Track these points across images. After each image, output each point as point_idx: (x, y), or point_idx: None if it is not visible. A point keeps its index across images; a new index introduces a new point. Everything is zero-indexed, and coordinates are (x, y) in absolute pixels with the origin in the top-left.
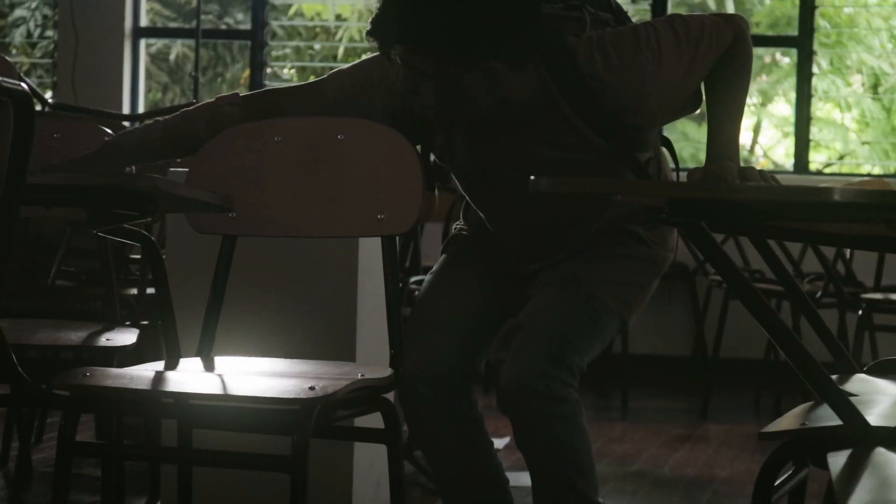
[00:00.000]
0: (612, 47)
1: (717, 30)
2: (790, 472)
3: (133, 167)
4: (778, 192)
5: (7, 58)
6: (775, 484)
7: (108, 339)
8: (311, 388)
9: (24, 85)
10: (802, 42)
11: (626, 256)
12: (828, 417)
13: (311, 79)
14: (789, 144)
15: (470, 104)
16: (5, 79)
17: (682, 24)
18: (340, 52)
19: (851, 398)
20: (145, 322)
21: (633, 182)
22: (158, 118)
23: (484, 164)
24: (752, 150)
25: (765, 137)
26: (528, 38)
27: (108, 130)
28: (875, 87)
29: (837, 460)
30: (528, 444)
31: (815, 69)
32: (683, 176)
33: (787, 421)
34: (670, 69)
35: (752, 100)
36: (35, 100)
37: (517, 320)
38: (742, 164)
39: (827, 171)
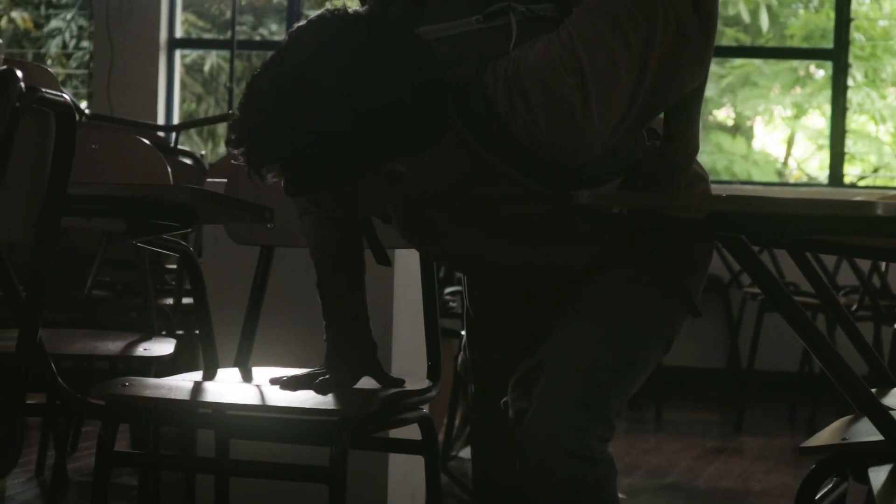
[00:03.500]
0: (532, 82)
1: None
2: (829, 487)
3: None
4: (820, 205)
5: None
6: (815, 498)
7: (145, 349)
8: (350, 400)
9: (65, 96)
10: (837, 55)
11: (654, 256)
12: (868, 432)
13: None
14: (824, 157)
15: (373, 209)
16: (48, 90)
17: (608, 10)
18: None
19: (891, 412)
20: (181, 332)
21: (673, 196)
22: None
23: (435, 238)
24: (785, 163)
25: (799, 150)
26: (438, 128)
27: (146, 141)
28: None
29: (879, 475)
30: None
31: (849, 82)
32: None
33: (827, 435)
34: (607, 85)
35: (786, 112)
36: None
37: (536, 358)
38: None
39: (861, 183)
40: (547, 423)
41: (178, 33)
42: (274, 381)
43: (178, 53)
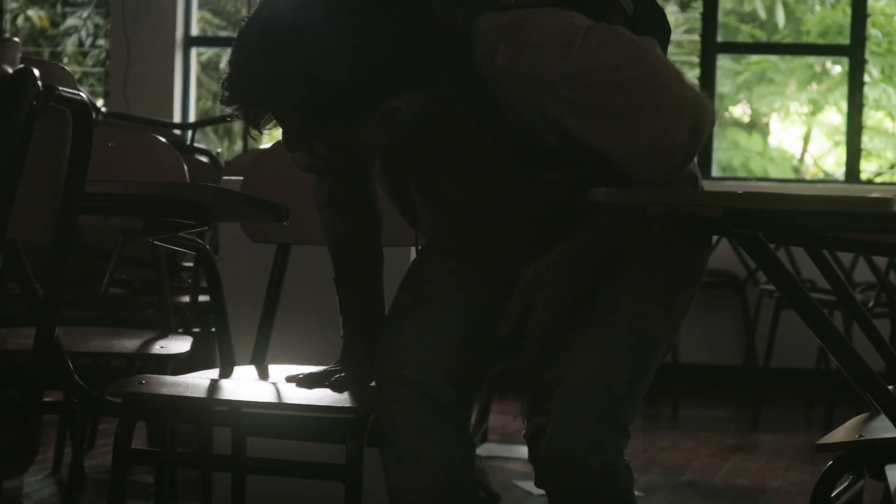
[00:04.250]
0: (529, 46)
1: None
2: (846, 484)
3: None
4: (836, 202)
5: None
6: (831, 496)
7: (162, 347)
8: (366, 397)
9: (82, 94)
10: (854, 51)
11: (664, 258)
12: (885, 429)
13: None
14: (840, 153)
15: (368, 152)
16: (65, 88)
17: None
18: None
19: None
20: (197, 329)
21: (690, 192)
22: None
23: (429, 192)
24: (801, 160)
25: (815, 146)
26: (431, 64)
27: (162, 139)
28: None
29: (895, 473)
30: None
31: (866, 78)
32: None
33: (844, 432)
34: (594, 73)
35: (802, 108)
36: None
37: (551, 372)
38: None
39: (878, 180)
40: (568, 441)
41: (194, 31)
42: (290, 379)
43: (193, 51)
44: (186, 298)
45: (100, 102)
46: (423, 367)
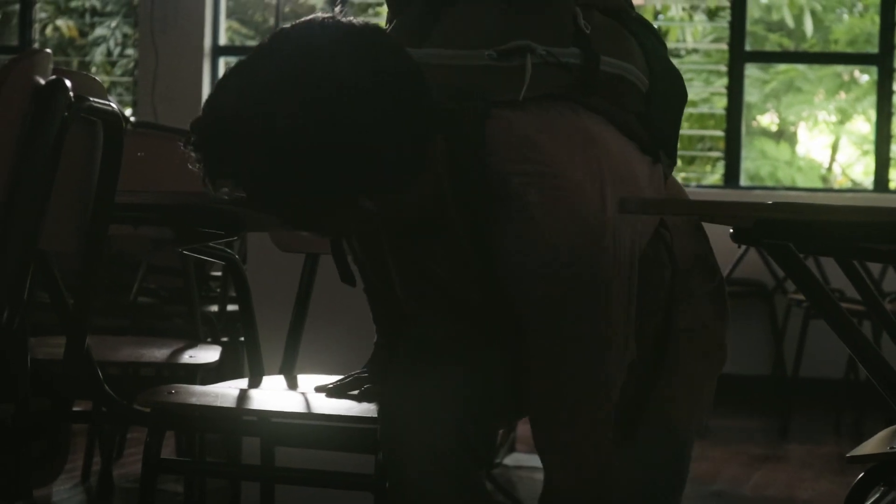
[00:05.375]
0: (548, 173)
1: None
2: (877, 496)
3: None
4: (868, 213)
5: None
6: None
7: (191, 357)
8: None
9: (113, 105)
10: (882, 59)
11: (688, 350)
12: None
13: None
14: (868, 162)
15: (336, 233)
16: (96, 99)
17: None
18: None
19: None
20: (226, 339)
21: (720, 203)
22: None
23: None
24: (830, 169)
25: (843, 156)
26: (415, 166)
27: None
28: None
29: None
30: None
31: (895, 86)
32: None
33: (874, 444)
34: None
35: (830, 117)
36: None
37: None
38: None
39: None
40: None
41: (222, 40)
42: (319, 389)
43: (222, 61)
44: (215, 308)
45: (128, 112)
46: (433, 429)
